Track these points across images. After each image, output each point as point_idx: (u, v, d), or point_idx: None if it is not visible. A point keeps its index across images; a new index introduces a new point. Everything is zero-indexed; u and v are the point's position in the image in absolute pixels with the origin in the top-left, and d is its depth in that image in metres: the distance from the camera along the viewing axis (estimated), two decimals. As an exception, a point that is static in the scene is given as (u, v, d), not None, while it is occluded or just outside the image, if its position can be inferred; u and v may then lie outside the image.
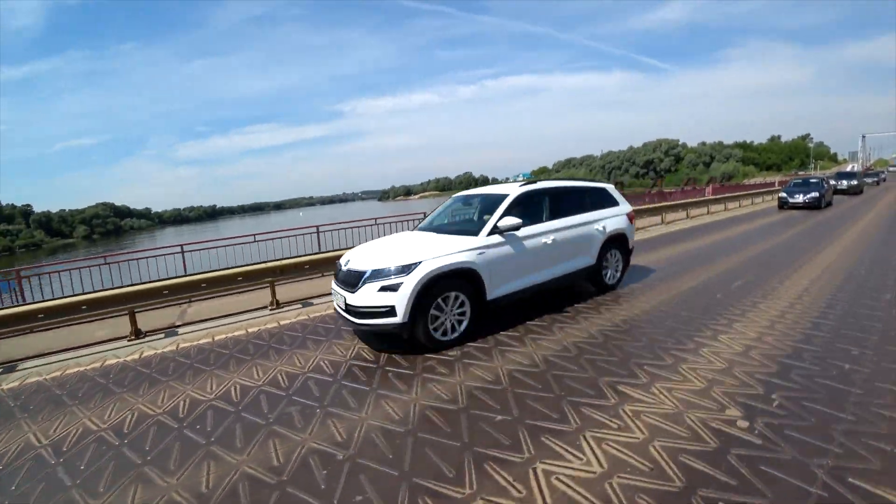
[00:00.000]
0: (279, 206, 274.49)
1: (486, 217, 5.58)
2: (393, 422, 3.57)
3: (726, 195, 23.81)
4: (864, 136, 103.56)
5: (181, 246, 9.18)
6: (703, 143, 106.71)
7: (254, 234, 10.13)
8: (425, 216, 7.46)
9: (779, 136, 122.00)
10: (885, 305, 5.59)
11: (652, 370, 4.17)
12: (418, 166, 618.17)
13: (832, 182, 26.62)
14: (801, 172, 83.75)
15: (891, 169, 68.05)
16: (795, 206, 19.71)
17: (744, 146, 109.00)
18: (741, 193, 25.83)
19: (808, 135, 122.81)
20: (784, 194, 20.44)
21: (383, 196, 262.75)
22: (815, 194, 19.20)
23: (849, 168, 78.64)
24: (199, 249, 9.80)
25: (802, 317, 5.32)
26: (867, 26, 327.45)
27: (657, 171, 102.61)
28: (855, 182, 28.65)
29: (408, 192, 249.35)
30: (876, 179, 35.53)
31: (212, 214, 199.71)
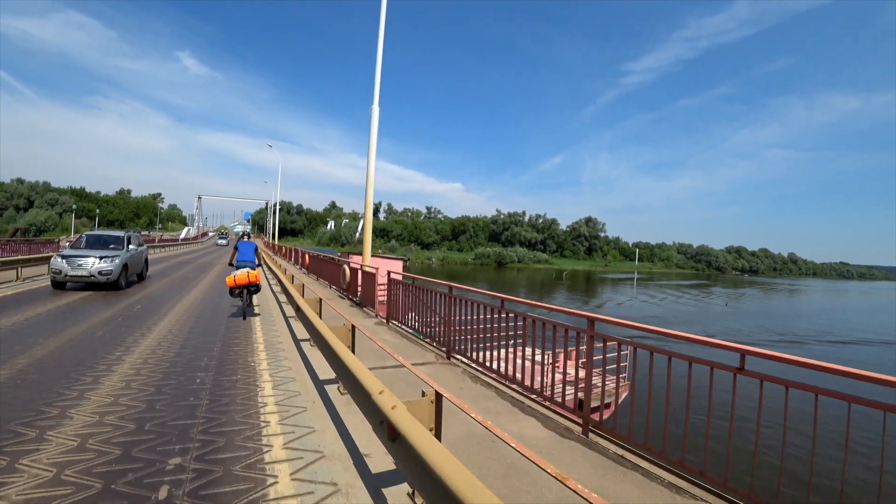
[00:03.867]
0: None
1: None
2: None
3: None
4: (199, 197, 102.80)
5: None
6: (20, 181, 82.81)
7: None
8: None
9: (129, 191, 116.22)
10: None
11: None
12: None
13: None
14: (143, 233, 79.70)
15: (220, 242, 58.53)
16: (82, 284, 11.55)
17: (80, 194, 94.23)
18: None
19: (159, 194, 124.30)
20: (60, 260, 11.37)
21: None
22: (108, 266, 11.55)
23: (184, 233, 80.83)
24: None
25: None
26: (222, 123, 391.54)
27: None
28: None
29: None
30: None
31: None
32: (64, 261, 11.22)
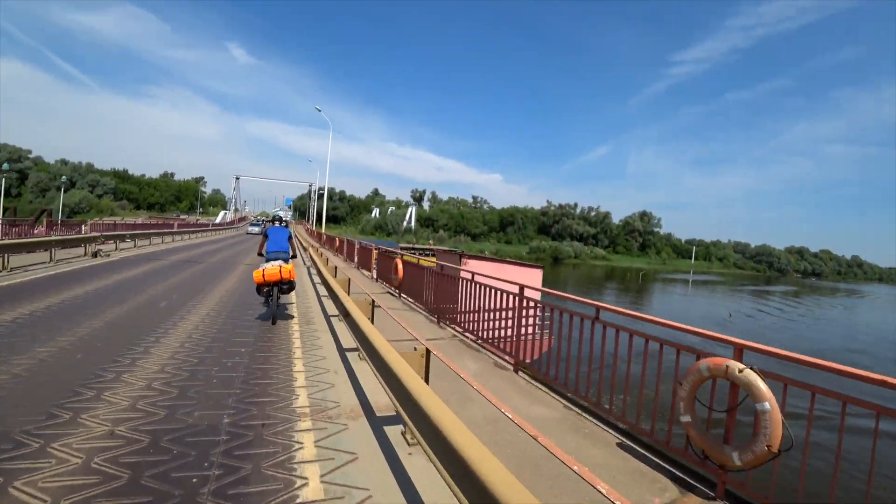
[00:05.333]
0: None
1: None
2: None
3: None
4: (237, 178, 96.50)
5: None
6: (64, 162, 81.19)
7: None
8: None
9: (172, 174, 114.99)
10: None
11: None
12: None
13: None
14: (183, 216, 76.58)
15: (251, 230, 45.66)
16: None
17: (122, 176, 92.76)
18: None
19: (202, 177, 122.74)
20: None
21: None
22: None
23: (219, 217, 76.72)
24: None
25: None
26: (265, 111, 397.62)
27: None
28: None
29: None
30: None
31: None
32: None
